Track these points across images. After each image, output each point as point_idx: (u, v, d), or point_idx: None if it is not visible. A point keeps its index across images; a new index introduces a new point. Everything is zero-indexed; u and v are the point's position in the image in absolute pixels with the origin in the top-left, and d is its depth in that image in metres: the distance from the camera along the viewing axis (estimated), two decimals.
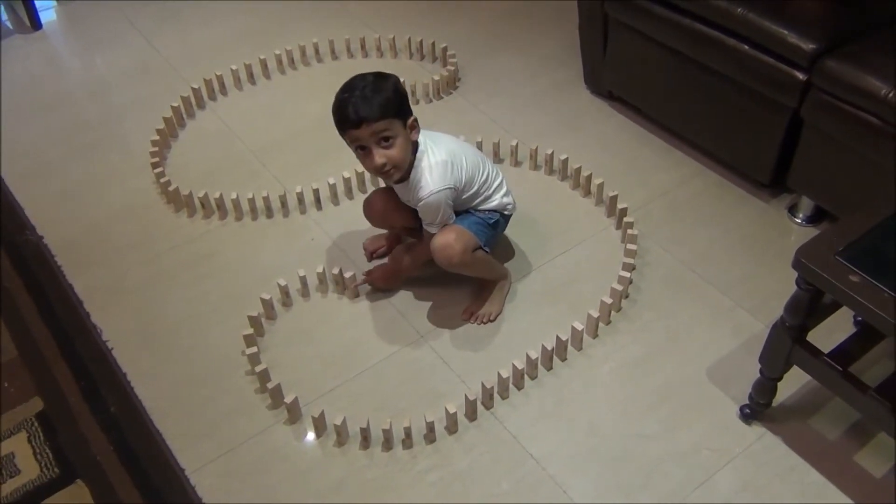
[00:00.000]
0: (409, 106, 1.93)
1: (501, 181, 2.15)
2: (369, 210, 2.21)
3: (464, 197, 2.04)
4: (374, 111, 1.84)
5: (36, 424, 1.97)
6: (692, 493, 1.78)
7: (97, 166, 2.71)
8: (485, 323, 2.14)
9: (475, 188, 2.06)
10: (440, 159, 1.96)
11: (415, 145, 1.96)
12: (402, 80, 1.97)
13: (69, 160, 2.74)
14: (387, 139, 1.88)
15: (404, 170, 1.95)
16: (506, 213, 2.16)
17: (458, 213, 2.05)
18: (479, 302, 2.16)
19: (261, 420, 1.95)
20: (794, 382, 1.91)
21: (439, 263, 2.02)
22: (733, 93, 2.31)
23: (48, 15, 3.48)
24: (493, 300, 2.16)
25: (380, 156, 1.89)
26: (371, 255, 2.32)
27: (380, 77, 1.90)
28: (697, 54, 2.33)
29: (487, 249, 2.09)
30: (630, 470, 1.83)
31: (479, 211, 2.10)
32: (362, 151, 1.91)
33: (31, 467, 1.89)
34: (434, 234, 2.01)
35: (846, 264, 1.53)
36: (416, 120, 1.94)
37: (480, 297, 2.17)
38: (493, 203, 2.11)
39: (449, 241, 1.98)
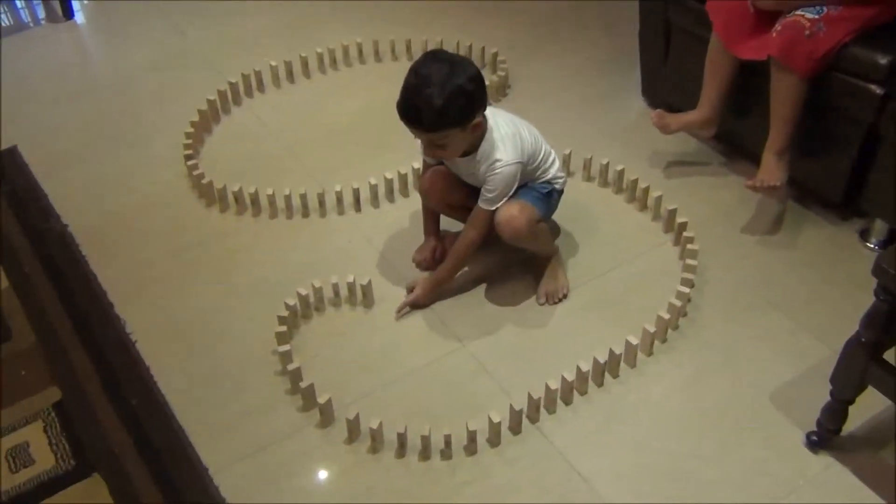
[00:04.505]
0: (478, 105, 1.99)
1: (554, 155, 2.25)
2: (430, 188, 2.25)
3: (528, 168, 2.13)
4: (432, 122, 1.94)
5: (52, 414, 2.00)
6: None
7: (126, 157, 2.78)
8: (560, 300, 2.23)
9: (537, 161, 2.16)
10: (509, 132, 2.07)
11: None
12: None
13: (98, 150, 2.81)
14: (442, 145, 2.00)
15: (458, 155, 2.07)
16: (557, 186, 2.24)
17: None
18: (545, 283, 2.25)
19: (290, 421, 1.97)
20: (866, 408, 1.89)
21: (505, 237, 2.11)
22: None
23: (81, 5, 3.58)
24: (557, 275, 2.26)
25: (431, 154, 2.11)
26: (424, 265, 2.35)
27: (455, 74, 1.91)
28: (766, 65, 2.35)
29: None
30: (683, 493, 1.81)
31: (535, 182, 2.19)
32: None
33: (45, 458, 1.91)
34: (486, 211, 2.10)
35: None
36: (481, 120, 2.02)
37: (544, 277, 2.26)
38: (548, 175, 2.21)
39: (513, 213, 2.07)
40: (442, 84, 1.90)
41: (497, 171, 2.04)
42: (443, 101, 1.90)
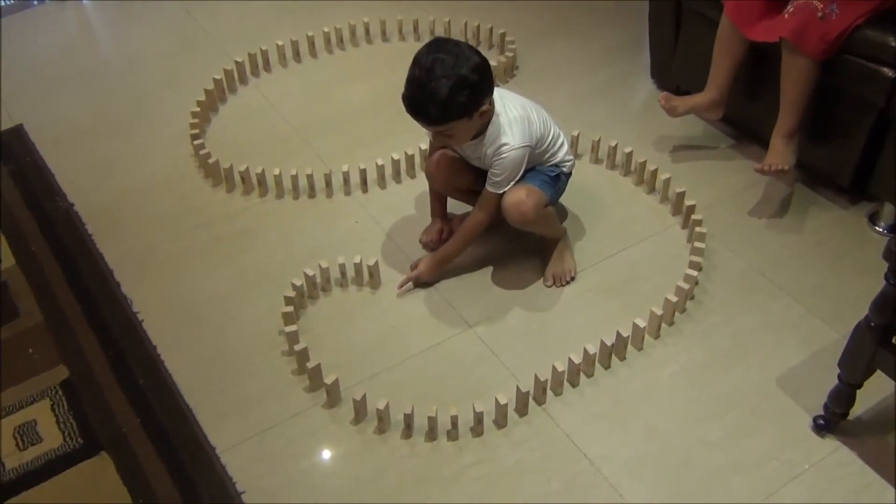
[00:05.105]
0: (483, 95, 1.97)
1: (563, 139, 2.23)
2: (436, 171, 2.25)
3: (536, 152, 2.13)
4: (438, 116, 1.94)
5: (60, 392, 2.01)
6: None
7: (133, 137, 2.78)
8: (567, 283, 2.24)
9: (545, 145, 2.15)
10: (517, 115, 2.06)
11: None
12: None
13: (104, 129, 2.81)
14: (450, 135, 2.01)
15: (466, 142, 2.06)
16: (565, 169, 2.23)
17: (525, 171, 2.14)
18: (553, 265, 2.25)
19: (297, 402, 1.98)
20: (874, 393, 1.89)
21: (513, 221, 2.11)
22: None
23: None
24: (565, 257, 2.26)
25: (439, 142, 2.12)
26: (431, 246, 2.35)
27: (458, 65, 1.89)
28: (776, 47, 2.34)
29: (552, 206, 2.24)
30: (691, 477, 1.82)
31: (543, 165, 2.19)
32: None
33: (53, 436, 1.92)
34: (494, 193, 2.09)
35: None
36: (489, 106, 2.00)
37: (551, 260, 2.26)
38: (557, 159, 2.20)
39: (521, 197, 2.07)
40: (446, 77, 1.88)
41: (504, 155, 2.03)
42: (447, 95, 1.89)
